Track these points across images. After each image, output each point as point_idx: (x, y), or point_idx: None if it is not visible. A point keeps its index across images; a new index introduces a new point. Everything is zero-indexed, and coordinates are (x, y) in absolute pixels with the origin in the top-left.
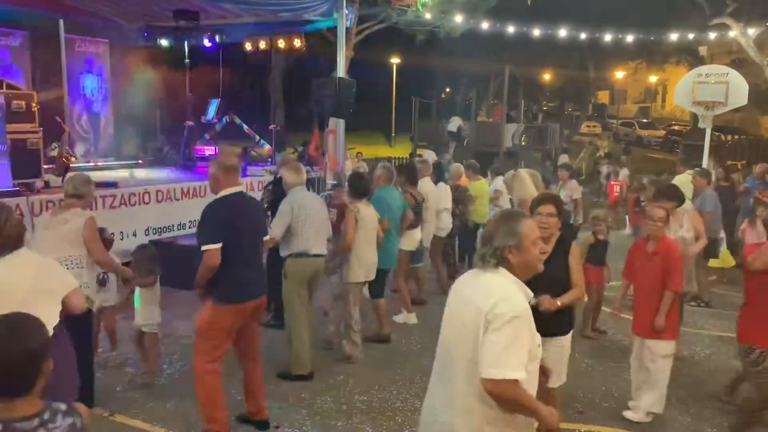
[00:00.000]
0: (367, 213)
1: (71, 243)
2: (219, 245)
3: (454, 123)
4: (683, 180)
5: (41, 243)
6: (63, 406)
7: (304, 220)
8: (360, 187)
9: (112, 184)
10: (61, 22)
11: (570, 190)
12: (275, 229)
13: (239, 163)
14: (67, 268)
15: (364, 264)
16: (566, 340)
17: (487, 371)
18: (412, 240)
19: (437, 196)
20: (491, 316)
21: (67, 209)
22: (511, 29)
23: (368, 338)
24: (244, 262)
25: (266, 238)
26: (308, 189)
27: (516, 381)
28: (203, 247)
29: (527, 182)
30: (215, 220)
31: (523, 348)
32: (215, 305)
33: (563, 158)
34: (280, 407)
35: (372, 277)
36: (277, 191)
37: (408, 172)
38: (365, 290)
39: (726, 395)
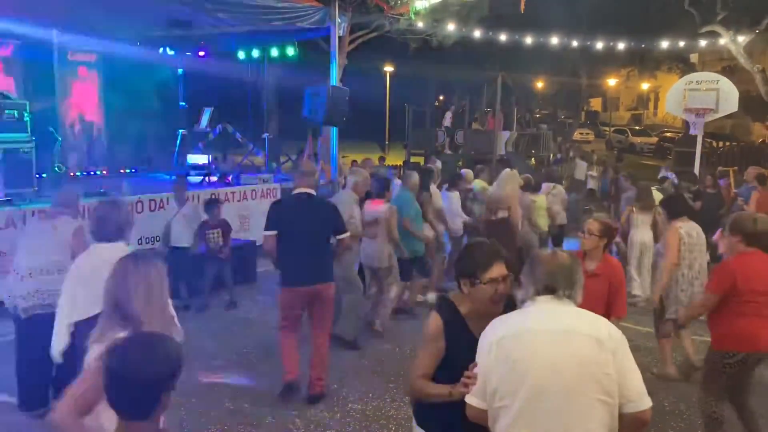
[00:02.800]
0: None
1: (60, 248)
2: (272, 233)
3: (447, 118)
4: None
5: (27, 247)
6: None
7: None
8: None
9: (105, 194)
10: (54, 32)
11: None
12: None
13: (312, 169)
14: (53, 274)
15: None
16: None
17: (644, 401)
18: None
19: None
20: (613, 344)
21: (57, 217)
22: (503, 37)
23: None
24: (297, 252)
25: (343, 236)
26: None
27: None
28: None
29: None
30: (270, 213)
31: None
32: (280, 287)
33: (581, 165)
34: (274, 416)
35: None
36: None
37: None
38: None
39: None
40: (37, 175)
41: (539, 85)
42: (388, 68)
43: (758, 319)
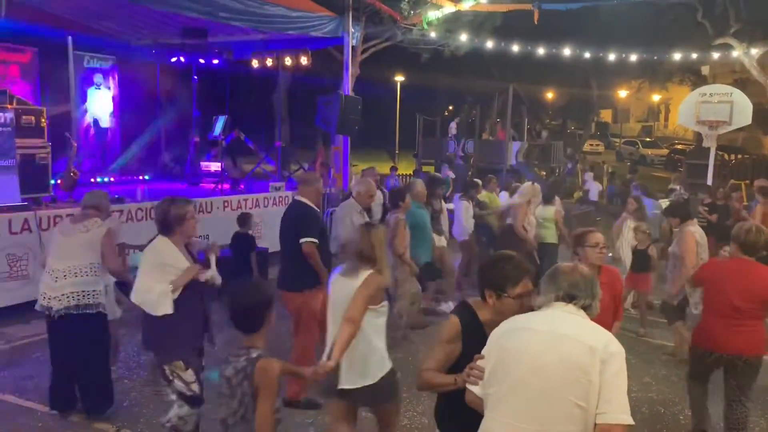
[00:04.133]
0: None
1: (92, 250)
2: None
3: (453, 128)
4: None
5: (60, 248)
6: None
7: None
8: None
9: (119, 200)
10: (70, 38)
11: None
12: None
13: (311, 179)
14: (86, 275)
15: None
16: None
17: (620, 417)
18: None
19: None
20: (606, 356)
21: (87, 218)
22: (515, 48)
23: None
24: (281, 254)
25: (303, 240)
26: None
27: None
28: None
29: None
30: None
31: None
32: None
33: (589, 176)
34: (286, 423)
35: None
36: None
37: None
38: None
39: None
40: (53, 181)
41: (550, 95)
42: (399, 78)
43: (726, 323)
